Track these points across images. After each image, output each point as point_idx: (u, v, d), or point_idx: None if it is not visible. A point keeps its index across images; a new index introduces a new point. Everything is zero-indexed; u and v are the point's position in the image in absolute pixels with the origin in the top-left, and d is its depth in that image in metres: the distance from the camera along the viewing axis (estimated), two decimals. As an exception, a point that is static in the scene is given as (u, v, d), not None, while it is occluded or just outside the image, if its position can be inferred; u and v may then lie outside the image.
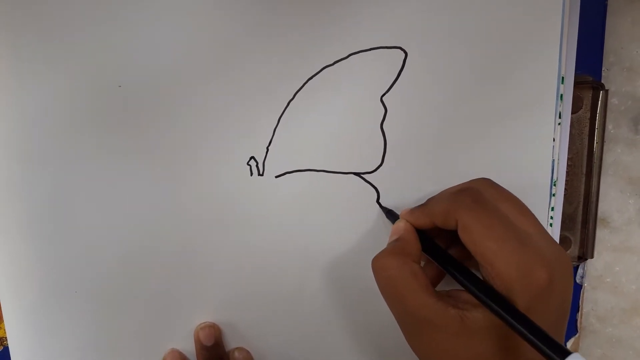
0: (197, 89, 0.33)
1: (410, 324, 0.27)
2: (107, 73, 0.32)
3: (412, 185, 0.34)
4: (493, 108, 0.33)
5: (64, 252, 0.34)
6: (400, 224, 0.30)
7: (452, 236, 0.28)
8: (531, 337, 0.23)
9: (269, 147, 0.34)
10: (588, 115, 0.38)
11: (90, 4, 0.31)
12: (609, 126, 0.40)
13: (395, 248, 0.29)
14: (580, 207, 0.39)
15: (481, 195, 0.28)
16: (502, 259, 0.25)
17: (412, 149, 0.33)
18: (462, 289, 0.27)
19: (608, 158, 0.40)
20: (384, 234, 0.34)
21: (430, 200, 0.30)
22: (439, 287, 0.31)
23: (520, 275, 0.24)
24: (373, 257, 0.29)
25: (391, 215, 0.32)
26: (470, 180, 0.30)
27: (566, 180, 0.37)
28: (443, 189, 0.32)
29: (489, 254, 0.25)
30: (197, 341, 0.35)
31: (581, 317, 0.42)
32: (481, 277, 0.26)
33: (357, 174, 0.34)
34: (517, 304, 0.24)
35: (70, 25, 0.32)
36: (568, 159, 0.36)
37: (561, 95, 0.33)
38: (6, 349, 0.36)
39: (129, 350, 0.36)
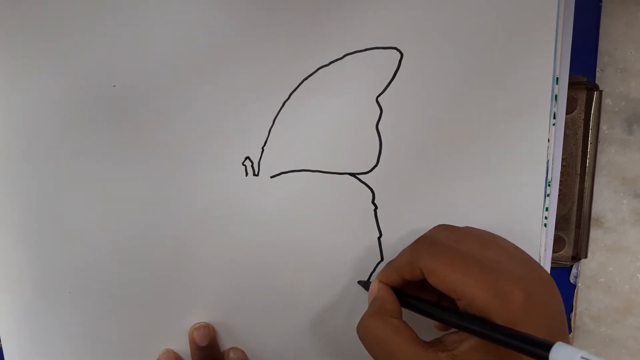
0: (191, 89, 0.33)
1: None
2: (101, 73, 0.32)
3: (408, 185, 0.34)
4: (488, 108, 0.33)
5: (57, 252, 0.34)
6: (374, 284, 0.31)
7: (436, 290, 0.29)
8: (512, 341, 0.24)
9: (264, 147, 0.33)
10: (582, 115, 0.38)
11: (84, 4, 0.31)
12: (603, 127, 0.40)
13: (373, 308, 0.30)
14: (574, 208, 0.39)
15: (436, 239, 0.29)
16: (471, 286, 0.26)
17: (407, 150, 0.33)
18: (448, 332, 0.28)
19: (602, 158, 0.40)
20: (378, 235, 0.34)
21: (395, 257, 0.31)
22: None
23: (493, 297, 0.25)
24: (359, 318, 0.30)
25: (367, 285, 0.33)
26: (427, 231, 0.31)
27: (560, 181, 0.37)
28: (437, 189, 0.32)
29: (458, 287, 0.26)
30: (192, 341, 0.35)
31: (575, 317, 0.42)
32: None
33: (353, 175, 0.34)
34: (497, 322, 0.25)
35: (65, 25, 0.31)
36: (562, 159, 0.36)
37: (555, 96, 0.33)
38: (0, 349, 0.35)
39: (123, 350, 0.36)
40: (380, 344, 0.28)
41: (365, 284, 0.34)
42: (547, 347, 0.22)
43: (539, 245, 0.34)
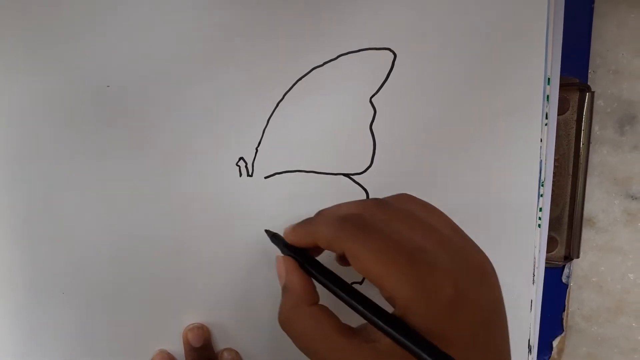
0: (186, 90, 0.32)
1: None
2: (95, 73, 0.32)
3: (402, 186, 0.34)
4: (481, 109, 0.33)
5: (51, 252, 0.34)
6: (281, 266, 0.29)
7: None
8: (412, 347, 0.22)
9: (258, 148, 0.33)
10: (574, 116, 0.38)
11: (80, 3, 0.31)
12: (595, 128, 0.40)
13: (287, 300, 0.28)
14: (567, 208, 0.40)
15: (365, 221, 0.26)
16: (393, 281, 0.24)
17: (401, 150, 0.33)
18: None
19: (594, 159, 0.41)
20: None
21: (315, 221, 0.28)
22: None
23: (417, 292, 0.23)
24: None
25: (276, 239, 0.31)
26: (358, 203, 0.28)
27: (553, 181, 0.37)
28: (431, 190, 0.33)
29: (380, 279, 0.24)
30: (186, 342, 0.34)
31: (567, 317, 0.43)
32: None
33: (347, 175, 0.34)
34: (414, 324, 0.23)
35: (59, 24, 0.31)
36: (555, 160, 0.37)
37: (547, 96, 0.33)
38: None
39: (117, 351, 0.35)
40: (302, 337, 0.26)
41: (274, 237, 0.31)
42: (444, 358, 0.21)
43: (533, 246, 0.34)
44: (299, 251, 0.29)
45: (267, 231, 0.33)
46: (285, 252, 0.29)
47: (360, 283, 0.34)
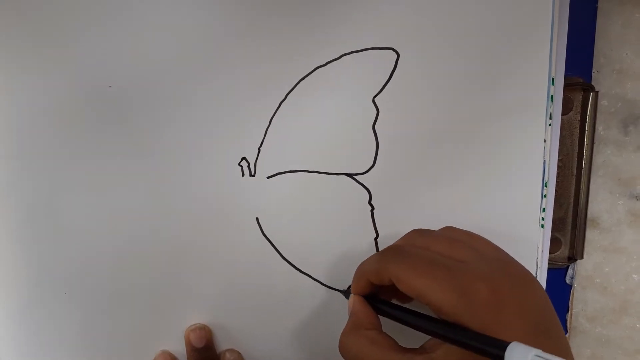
0: (188, 90, 0.32)
1: None
2: (97, 73, 0.32)
3: (404, 186, 0.34)
4: (484, 109, 0.33)
5: (53, 252, 0.34)
6: (350, 299, 0.31)
7: None
8: (467, 341, 0.23)
9: (261, 148, 0.33)
10: (578, 116, 0.38)
11: (81, 4, 0.31)
12: (599, 128, 0.40)
13: (349, 325, 0.30)
14: (570, 208, 0.39)
15: (403, 249, 0.29)
16: (436, 290, 0.25)
17: (404, 150, 0.33)
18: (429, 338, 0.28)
19: (598, 159, 0.40)
20: (374, 236, 0.34)
21: (362, 264, 0.31)
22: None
23: (458, 298, 0.25)
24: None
25: (347, 294, 0.33)
26: (401, 238, 0.31)
27: (556, 182, 0.37)
28: (434, 190, 0.32)
29: (423, 292, 0.26)
30: (188, 343, 0.34)
31: (571, 317, 0.42)
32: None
33: (349, 175, 0.34)
34: (467, 324, 0.24)
35: (61, 25, 0.31)
36: (558, 160, 0.36)
37: (551, 97, 0.33)
38: (-6, 351, 0.35)
39: (119, 351, 0.35)
40: (358, 356, 0.28)
41: (346, 293, 0.34)
42: (503, 347, 0.22)
43: (537, 247, 0.34)
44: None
45: (342, 292, 0.35)
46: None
47: None
